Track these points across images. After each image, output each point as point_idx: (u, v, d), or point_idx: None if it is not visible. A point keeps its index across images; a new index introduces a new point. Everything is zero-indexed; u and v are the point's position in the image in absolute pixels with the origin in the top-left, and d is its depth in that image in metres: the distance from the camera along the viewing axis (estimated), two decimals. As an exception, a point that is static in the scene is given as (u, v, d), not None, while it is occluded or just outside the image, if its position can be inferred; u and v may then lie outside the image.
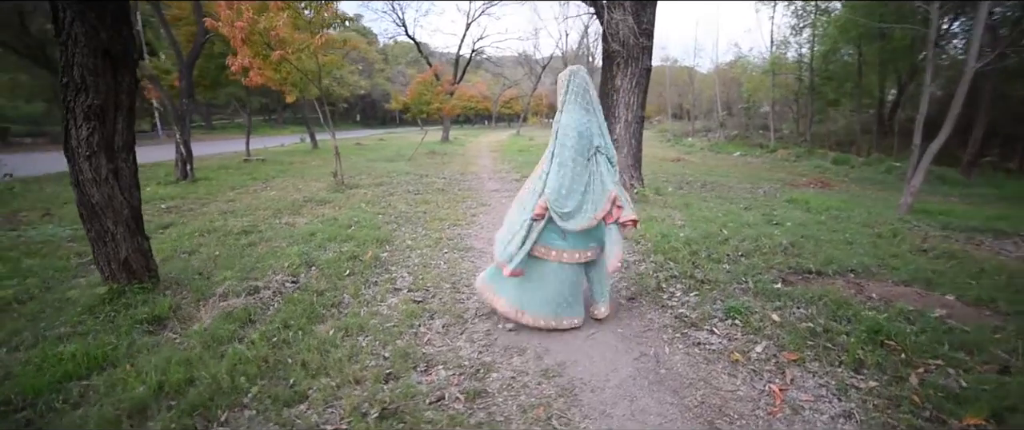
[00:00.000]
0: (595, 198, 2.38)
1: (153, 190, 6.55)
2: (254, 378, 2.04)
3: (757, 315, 2.63)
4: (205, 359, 2.11)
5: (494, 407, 1.95)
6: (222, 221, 4.89)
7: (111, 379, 1.97)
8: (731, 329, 2.54)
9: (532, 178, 2.61)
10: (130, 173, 2.62)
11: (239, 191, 7.00)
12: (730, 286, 3.07)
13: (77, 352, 2.13)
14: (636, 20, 5.76)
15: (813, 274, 3.37)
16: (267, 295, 2.87)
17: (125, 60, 2.35)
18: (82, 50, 2.19)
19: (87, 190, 2.48)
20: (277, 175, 9.00)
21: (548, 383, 2.11)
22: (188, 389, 1.90)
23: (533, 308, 2.50)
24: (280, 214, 5.31)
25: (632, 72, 6.04)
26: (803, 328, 2.46)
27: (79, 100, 2.32)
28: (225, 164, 10.39)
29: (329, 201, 6.16)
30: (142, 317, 2.49)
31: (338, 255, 3.77)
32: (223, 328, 2.40)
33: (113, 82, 2.37)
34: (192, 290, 2.89)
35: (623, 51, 5.93)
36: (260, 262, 3.48)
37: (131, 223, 2.66)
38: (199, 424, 1.77)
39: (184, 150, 7.40)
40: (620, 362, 2.29)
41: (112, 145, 2.50)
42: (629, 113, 6.18)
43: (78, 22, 2.11)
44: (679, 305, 2.90)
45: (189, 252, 3.82)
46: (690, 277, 3.26)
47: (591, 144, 2.39)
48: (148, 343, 2.28)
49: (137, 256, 2.73)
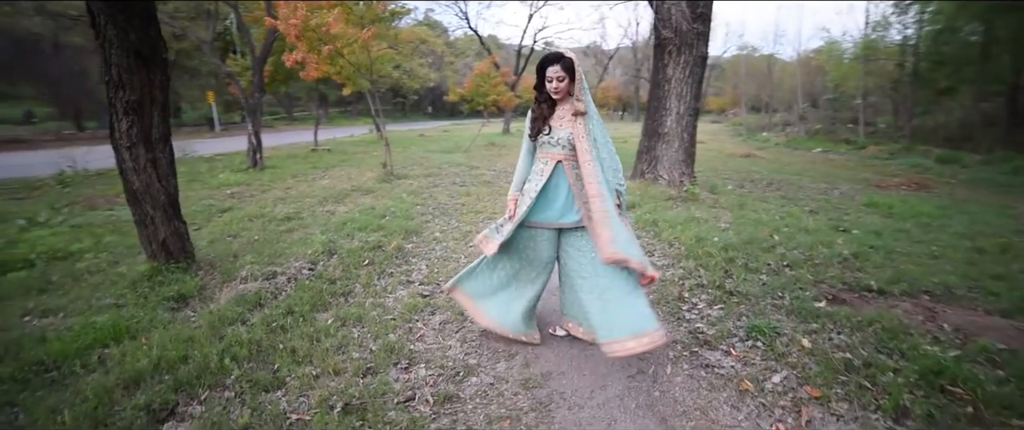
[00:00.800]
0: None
1: (225, 177, 7.22)
2: (243, 361, 2.13)
3: (784, 338, 2.30)
4: (205, 339, 2.24)
5: (461, 414, 1.87)
6: (272, 207, 5.25)
7: (124, 350, 2.15)
8: (750, 351, 2.24)
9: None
10: (166, 162, 2.86)
11: (298, 179, 7.50)
12: (762, 301, 2.72)
13: (107, 323, 2.36)
14: (690, 4, 5.30)
15: (872, 293, 2.89)
16: (282, 281, 3.01)
17: (154, 59, 2.55)
18: (116, 50, 2.41)
19: (129, 177, 2.74)
20: (337, 164, 9.53)
21: (525, 394, 1.99)
22: (180, 366, 2.03)
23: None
24: (325, 202, 5.60)
25: (685, 61, 5.58)
26: (838, 359, 2.10)
27: (118, 96, 2.55)
28: (294, 153, 11.23)
29: (374, 191, 6.40)
30: (169, 294, 2.71)
31: (362, 244, 3.87)
32: (232, 310, 2.55)
33: (147, 79, 2.59)
34: (221, 272, 3.11)
35: (675, 38, 5.49)
36: (288, 248, 3.67)
37: (168, 208, 2.90)
38: (181, 400, 1.88)
39: (255, 140, 8.07)
40: (611, 378, 2.11)
41: (150, 137, 2.74)
42: (681, 105, 5.74)
43: (110, 25, 2.33)
44: (698, 318, 2.62)
45: (234, 235, 4.14)
46: (718, 288, 2.94)
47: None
48: (167, 319, 2.48)
49: (174, 238, 2.98)
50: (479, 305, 2.36)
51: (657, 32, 5.77)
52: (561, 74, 2.03)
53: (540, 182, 2.10)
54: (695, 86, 5.69)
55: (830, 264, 3.30)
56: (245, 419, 1.78)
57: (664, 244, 3.86)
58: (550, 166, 2.11)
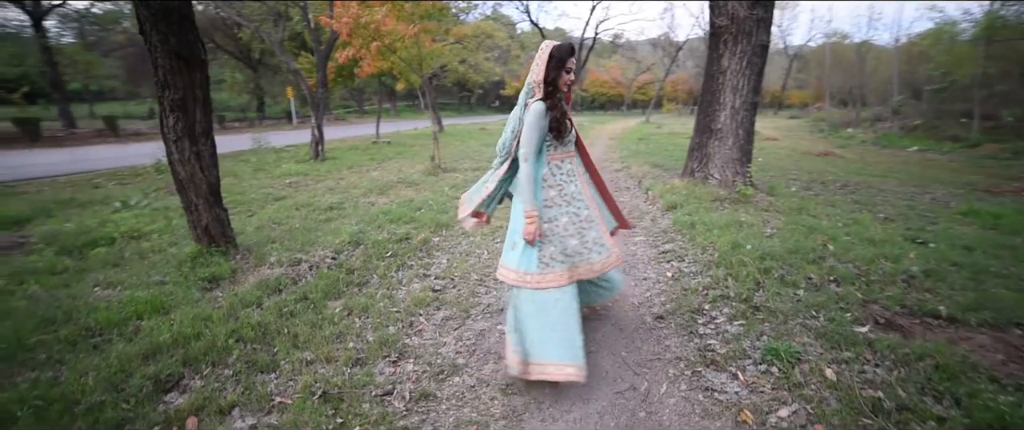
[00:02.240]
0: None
1: (287, 167, 7.81)
2: (248, 342, 2.29)
3: (806, 365, 2.03)
4: (219, 319, 2.43)
5: (432, 414, 1.86)
6: (319, 197, 5.59)
7: (154, 324, 2.39)
8: (761, 377, 2.00)
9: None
10: (208, 155, 3.13)
11: (353, 171, 7.93)
12: (791, 320, 2.42)
13: (147, 298, 2.64)
14: (749, -14, 4.83)
15: (939, 320, 2.46)
16: (304, 268, 3.19)
17: (194, 61, 2.79)
18: (160, 54, 2.66)
19: (176, 168, 3.04)
20: (393, 157, 9.95)
21: (502, 400, 1.93)
22: (193, 342, 2.21)
23: None
24: (368, 194, 5.86)
25: (742, 50, 5.11)
26: (865, 397, 1.81)
27: (165, 95, 2.83)
28: (356, 146, 11.89)
29: (417, 184, 6.59)
30: (205, 276, 2.98)
31: (390, 236, 4.00)
32: (252, 294, 2.74)
33: (189, 79, 2.84)
34: (255, 257, 3.36)
35: (731, 26, 5.04)
36: (320, 237, 3.88)
37: (209, 197, 3.18)
38: (187, 374, 2.06)
39: (317, 133, 8.64)
40: (598, 392, 1.99)
41: (193, 131, 3.01)
42: (737, 98, 5.27)
43: (154, 31, 2.57)
44: (712, 334, 2.39)
45: (278, 223, 4.46)
46: (744, 301, 2.66)
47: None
48: (196, 298, 2.73)
49: (215, 224, 3.26)
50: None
51: (712, 19, 5.33)
52: (573, 65, 1.98)
53: (578, 183, 2.05)
54: (753, 78, 5.19)
55: (890, 282, 2.87)
56: (233, 397, 1.90)
57: (697, 249, 3.58)
58: (571, 164, 2.06)
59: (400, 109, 34.13)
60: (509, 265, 2.00)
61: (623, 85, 36.72)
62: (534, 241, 1.91)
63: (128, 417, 1.76)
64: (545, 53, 1.92)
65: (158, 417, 1.79)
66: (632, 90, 35.77)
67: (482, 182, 2.18)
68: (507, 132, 2.05)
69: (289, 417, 1.80)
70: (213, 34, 18.56)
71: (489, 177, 2.16)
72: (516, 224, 2.00)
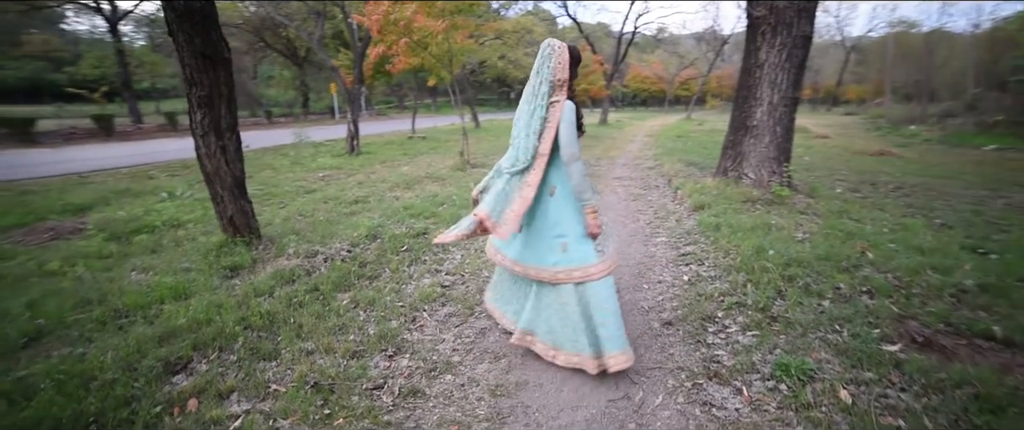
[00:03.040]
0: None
1: (323, 161, 8.10)
2: (256, 330, 2.37)
3: (819, 384, 1.86)
4: (231, 307, 2.54)
5: (418, 410, 1.86)
6: (348, 191, 5.75)
7: (172, 309, 2.53)
8: (767, 395, 1.86)
9: None
10: (233, 149, 3.28)
11: (385, 165, 8.12)
12: (810, 333, 2.24)
13: (171, 283, 2.80)
14: (791, -27, 4.51)
15: (991, 342, 2.21)
16: (319, 261, 3.28)
17: (218, 59, 2.92)
18: (187, 53, 2.81)
19: (203, 161, 3.21)
20: (426, 152, 10.10)
21: (488, 401, 1.90)
22: (204, 328, 2.33)
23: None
24: (395, 188, 5.97)
25: (782, 42, 4.79)
26: (883, 425, 1.64)
27: (193, 91, 2.98)
28: (391, 141, 12.17)
29: (444, 179, 6.65)
30: (226, 264, 3.13)
31: (408, 231, 4.05)
32: (266, 284, 2.85)
33: (214, 77, 2.98)
34: (276, 248, 3.50)
35: (769, 16, 4.73)
36: (340, 230, 3.98)
37: (234, 189, 3.33)
38: (196, 358, 2.16)
39: (353, 128, 8.91)
40: (589, 400, 1.91)
41: (219, 126, 3.16)
42: (775, 94, 4.96)
43: (180, 32, 2.72)
44: (722, 344, 2.26)
45: (304, 215, 4.62)
46: (761, 310, 2.49)
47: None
48: (215, 285, 2.87)
49: (239, 215, 3.42)
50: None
51: (749, 9, 5.02)
52: None
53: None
54: (793, 72, 4.85)
55: (935, 296, 2.59)
56: (233, 382, 1.98)
57: (719, 252, 3.39)
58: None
59: (440, 105, 34.66)
60: (569, 265, 1.95)
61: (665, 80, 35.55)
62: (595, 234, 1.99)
63: (136, 395, 1.87)
64: (565, 53, 1.94)
65: (163, 397, 1.89)
66: (675, 85, 34.56)
67: (503, 194, 1.99)
68: (526, 135, 1.94)
69: (281, 405, 1.85)
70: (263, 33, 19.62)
71: (511, 187, 1.99)
72: (565, 226, 1.97)
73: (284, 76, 22.50)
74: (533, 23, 31.68)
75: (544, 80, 1.94)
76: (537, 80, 1.96)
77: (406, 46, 6.25)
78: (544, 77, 1.94)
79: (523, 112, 1.98)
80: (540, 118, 1.93)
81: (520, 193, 1.96)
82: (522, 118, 1.98)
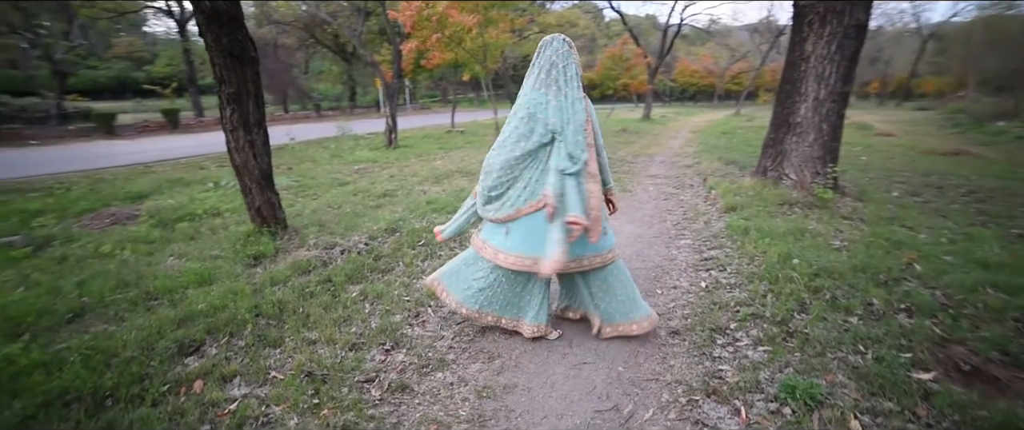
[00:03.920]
0: (528, 190, 2.03)
1: (360, 154, 8.37)
2: (267, 318, 2.48)
3: (829, 411, 1.70)
4: (246, 294, 2.67)
5: (403, 407, 1.87)
6: (379, 184, 5.91)
7: (194, 294, 2.70)
8: (768, 418, 1.72)
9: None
10: (261, 143, 3.44)
11: (420, 158, 8.27)
12: (829, 352, 2.05)
13: (197, 269, 2.99)
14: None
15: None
16: (336, 252, 3.39)
17: (244, 58, 3.06)
18: (215, 52, 2.97)
19: (232, 155, 3.39)
20: (462, 146, 10.19)
21: (473, 402, 1.89)
22: (219, 313, 2.46)
23: (455, 290, 2.33)
24: (424, 182, 6.07)
25: (831, 32, 4.42)
26: (897, 456, 1.48)
27: (223, 89, 3.15)
28: (430, 134, 12.38)
29: (473, 173, 6.67)
30: (251, 253, 3.30)
31: (428, 225, 4.10)
32: (283, 273, 2.98)
33: (242, 75, 3.13)
34: (300, 239, 3.65)
35: (817, 5, 4.37)
36: (362, 223, 4.09)
37: (261, 181, 3.50)
38: (208, 341, 2.29)
39: (391, 122, 9.14)
40: (577, 408, 1.86)
41: (248, 122, 3.32)
42: (822, 88, 4.60)
43: (209, 32, 2.87)
44: (728, 358, 2.12)
45: (333, 207, 4.79)
46: (779, 323, 2.32)
47: (545, 129, 1.96)
48: (237, 273, 3.03)
49: (267, 206, 3.59)
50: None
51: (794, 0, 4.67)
52: None
53: None
54: (844, 64, 4.45)
55: (994, 318, 2.30)
56: (237, 366, 2.08)
57: (744, 258, 3.19)
58: None
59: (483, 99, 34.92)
60: (599, 249, 2.15)
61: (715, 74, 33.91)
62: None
63: (149, 373, 2.01)
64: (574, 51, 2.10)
65: (173, 376, 2.01)
66: (725, 79, 32.85)
67: (580, 197, 1.95)
68: (573, 130, 1.94)
69: (276, 391, 1.93)
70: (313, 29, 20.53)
71: (580, 186, 1.96)
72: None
73: (333, 71, 23.51)
74: (577, 16, 31.12)
75: (574, 75, 2.02)
76: (563, 76, 2.00)
77: (439, 41, 6.31)
78: (574, 72, 2.02)
79: (565, 105, 1.96)
80: (582, 110, 2.01)
81: (589, 186, 2.03)
82: (572, 111, 1.96)
